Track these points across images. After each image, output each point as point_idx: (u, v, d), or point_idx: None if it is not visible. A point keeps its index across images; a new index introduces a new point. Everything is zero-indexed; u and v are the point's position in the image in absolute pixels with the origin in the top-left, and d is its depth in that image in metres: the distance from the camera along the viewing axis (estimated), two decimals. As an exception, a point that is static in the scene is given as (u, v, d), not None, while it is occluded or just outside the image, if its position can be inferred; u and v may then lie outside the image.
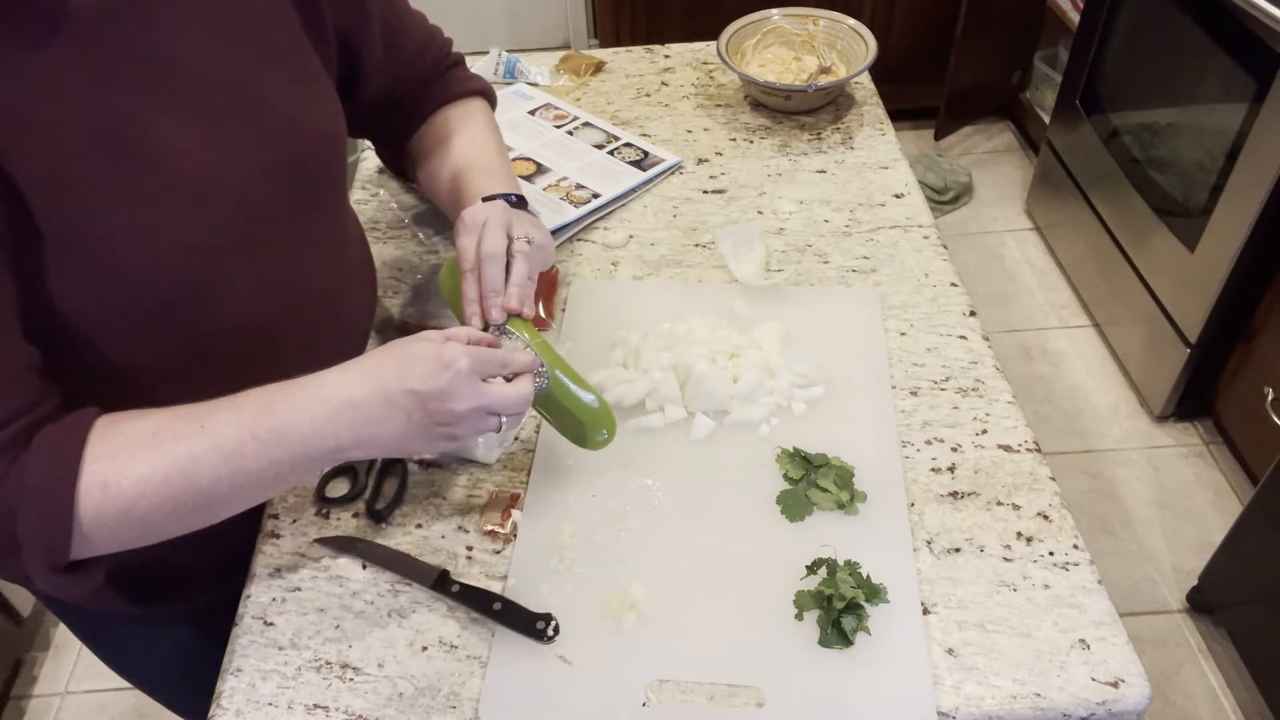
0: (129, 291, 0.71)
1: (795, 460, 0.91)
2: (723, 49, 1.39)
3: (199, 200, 0.73)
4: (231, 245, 0.77)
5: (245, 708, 0.78)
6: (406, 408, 0.72)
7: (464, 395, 0.72)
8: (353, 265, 0.98)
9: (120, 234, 0.69)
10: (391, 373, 0.72)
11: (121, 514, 0.68)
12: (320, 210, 0.89)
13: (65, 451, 0.67)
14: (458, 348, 0.73)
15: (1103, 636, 0.79)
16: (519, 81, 1.48)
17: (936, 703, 0.75)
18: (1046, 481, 0.91)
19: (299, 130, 0.81)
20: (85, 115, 0.66)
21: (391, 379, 0.72)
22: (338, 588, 0.86)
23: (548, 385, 0.84)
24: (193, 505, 0.70)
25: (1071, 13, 2.44)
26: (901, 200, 1.23)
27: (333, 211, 0.92)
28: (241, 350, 0.82)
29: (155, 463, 0.68)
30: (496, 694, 0.77)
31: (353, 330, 1.00)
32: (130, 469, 0.68)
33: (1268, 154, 1.67)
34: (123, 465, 0.68)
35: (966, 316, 1.08)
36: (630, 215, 1.24)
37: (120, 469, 0.68)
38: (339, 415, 0.72)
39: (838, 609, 0.79)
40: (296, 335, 0.87)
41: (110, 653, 1.04)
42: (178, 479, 0.69)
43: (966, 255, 2.57)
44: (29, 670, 1.82)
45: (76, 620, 1.00)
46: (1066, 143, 2.40)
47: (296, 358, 0.78)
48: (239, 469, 0.70)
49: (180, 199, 0.72)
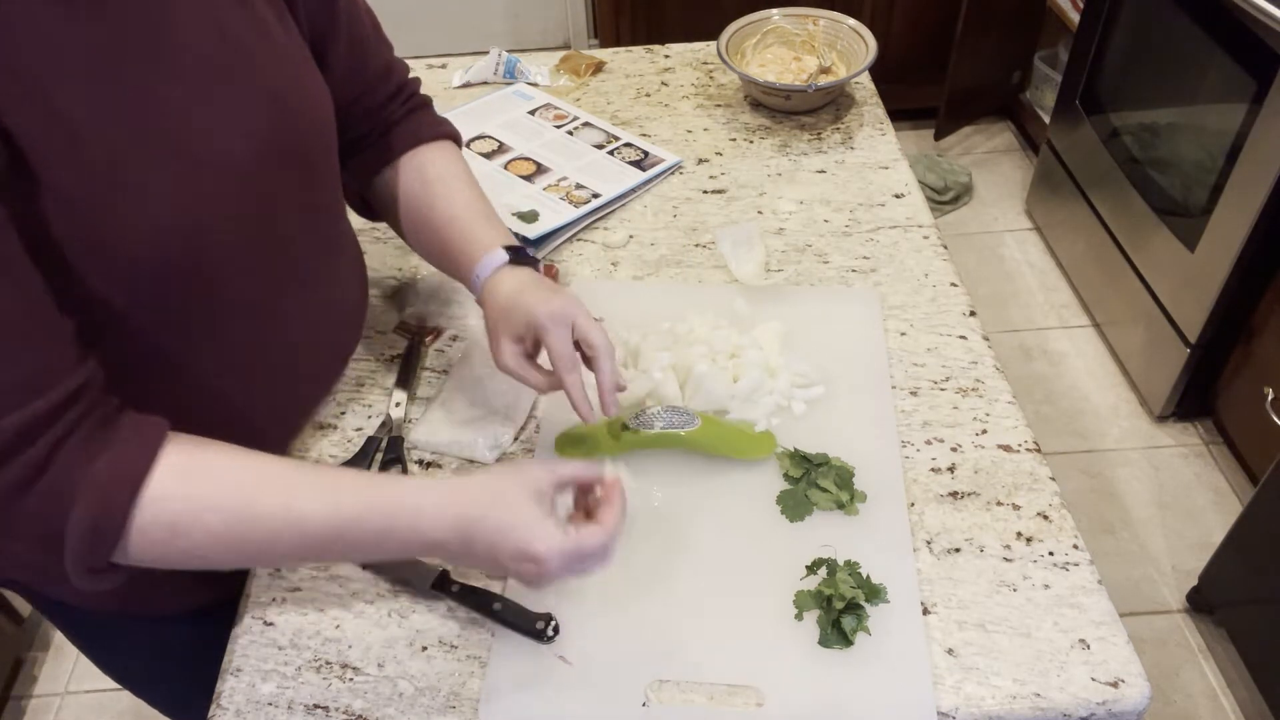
0: (138, 260, 0.70)
1: (795, 460, 0.91)
2: (723, 49, 1.39)
3: (202, 171, 0.73)
4: (234, 219, 0.76)
5: (245, 708, 0.78)
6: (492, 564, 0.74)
7: (550, 578, 0.72)
8: (347, 262, 0.98)
9: (128, 199, 0.68)
10: (484, 535, 0.71)
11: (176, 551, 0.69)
12: (318, 193, 0.88)
13: (138, 458, 0.67)
14: (550, 545, 0.70)
15: (1103, 636, 0.79)
16: (519, 81, 1.48)
17: (936, 703, 0.75)
18: (1046, 481, 0.91)
19: (295, 110, 0.81)
20: (93, 82, 0.66)
21: (483, 544, 0.72)
22: (338, 588, 0.86)
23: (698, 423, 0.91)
24: (246, 560, 0.74)
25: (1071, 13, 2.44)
26: (901, 200, 1.23)
27: (330, 205, 0.92)
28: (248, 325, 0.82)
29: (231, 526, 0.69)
30: (496, 694, 0.77)
31: (351, 323, 1.00)
32: (203, 520, 0.68)
33: (1268, 154, 1.67)
34: (196, 514, 0.68)
35: (966, 316, 1.08)
36: (630, 215, 1.24)
37: (194, 517, 0.68)
38: (423, 550, 0.78)
39: (838, 609, 0.79)
40: (296, 318, 0.87)
41: (106, 654, 1.04)
42: (252, 550, 0.71)
43: (966, 255, 2.57)
44: (29, 670, 1.82)
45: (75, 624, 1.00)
46: (1066, 143, 2.40)
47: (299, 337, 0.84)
48: (310, 555, 0.77)
49: (185, 168, 0.71)
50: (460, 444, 0.96)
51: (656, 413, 0.91)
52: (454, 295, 1.13)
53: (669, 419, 0.91)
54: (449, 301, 1.12)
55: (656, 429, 0.90)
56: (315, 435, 0.99)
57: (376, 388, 1.03)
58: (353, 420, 1.00)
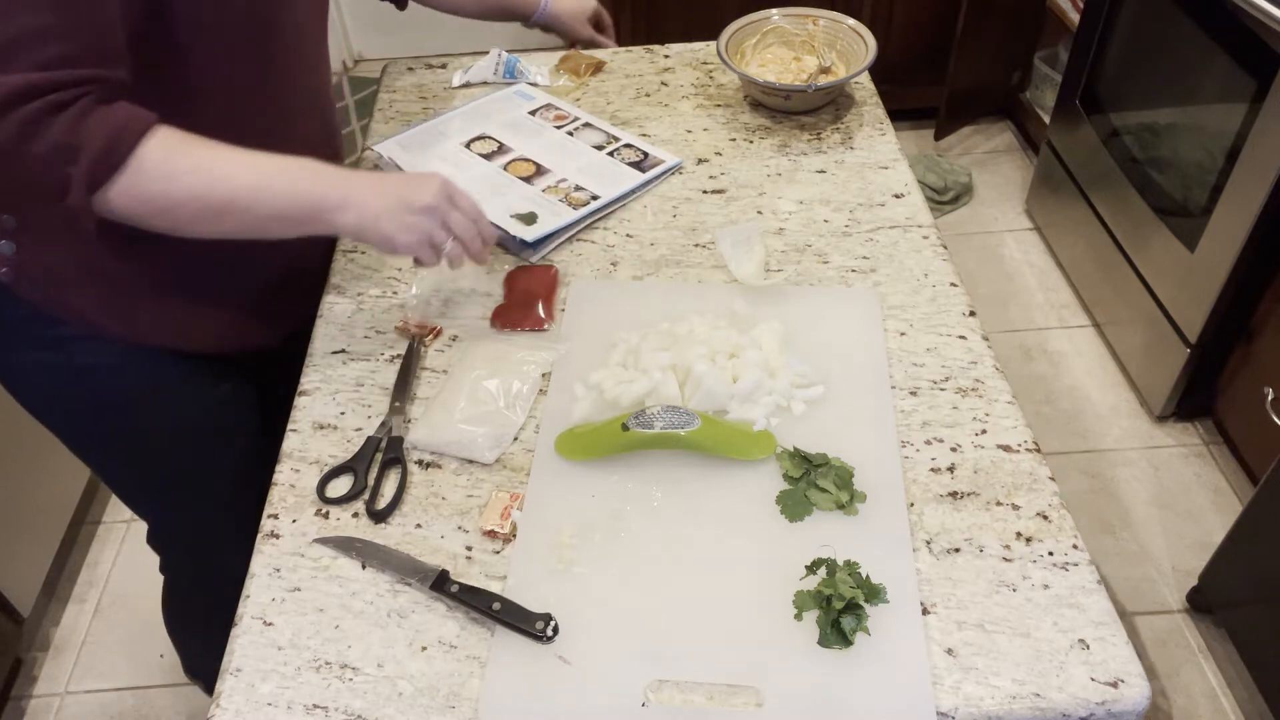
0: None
1: (795, 460, 0.91)
2: (722, 49, 1.39)
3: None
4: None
5: (245, 708, 0.78)
6: (391, 190, 0.94)
7: (431, 190, 0.95)
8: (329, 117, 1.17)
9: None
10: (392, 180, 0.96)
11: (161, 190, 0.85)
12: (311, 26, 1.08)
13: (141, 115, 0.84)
14: (439, 177, 0.97)
15: (1102, 636, 0.79)
16: (519, 81, 1.48)
17: (936, 703, 0.75)
18: (1046, 481, 0.91)
19: None
20: None
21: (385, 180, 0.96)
22: (337, 588, 0.86)
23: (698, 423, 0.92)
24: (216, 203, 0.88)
25: (1071, 13, 2.44)
26: (901, 200, 1.23)
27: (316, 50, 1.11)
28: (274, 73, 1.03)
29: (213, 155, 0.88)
30: (496, 694, 0.77)
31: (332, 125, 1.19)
32: (191, 149, 0.86)
33: (1268, 154, 1.67)
34: (187, 145, 0.86)
35: (966, 316, 1.08)
36: (630, 215, 1.24)
37: (184, 149, 0.86)
38: (352, 176, 0.95)
39: (837, 609, 0.79)
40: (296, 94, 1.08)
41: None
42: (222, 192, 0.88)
43: (966, 255, 2.57)
44: (29, 670, 1.82)
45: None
46: (1066, 143, 2.40)
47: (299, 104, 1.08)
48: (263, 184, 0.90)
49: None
50: (460, 444, 0.96)
51: (656, 413, 0.91)
52: (454, 295, 1.13)
53: (669, 419, 0.91)
54: (449, 301, 1.12)
55: (656, 429, 0.90)
56: (315, 435, 0.99)
57: (376, 388, 1.03)
58: (353, 420, 1.00)
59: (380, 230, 0.93)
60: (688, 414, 0.91)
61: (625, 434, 0.91)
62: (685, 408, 0.92)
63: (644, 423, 0.91)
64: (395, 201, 0.93)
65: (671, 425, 0.90)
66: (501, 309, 1.10)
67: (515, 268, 1.16)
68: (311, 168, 0.92)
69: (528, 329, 1.08)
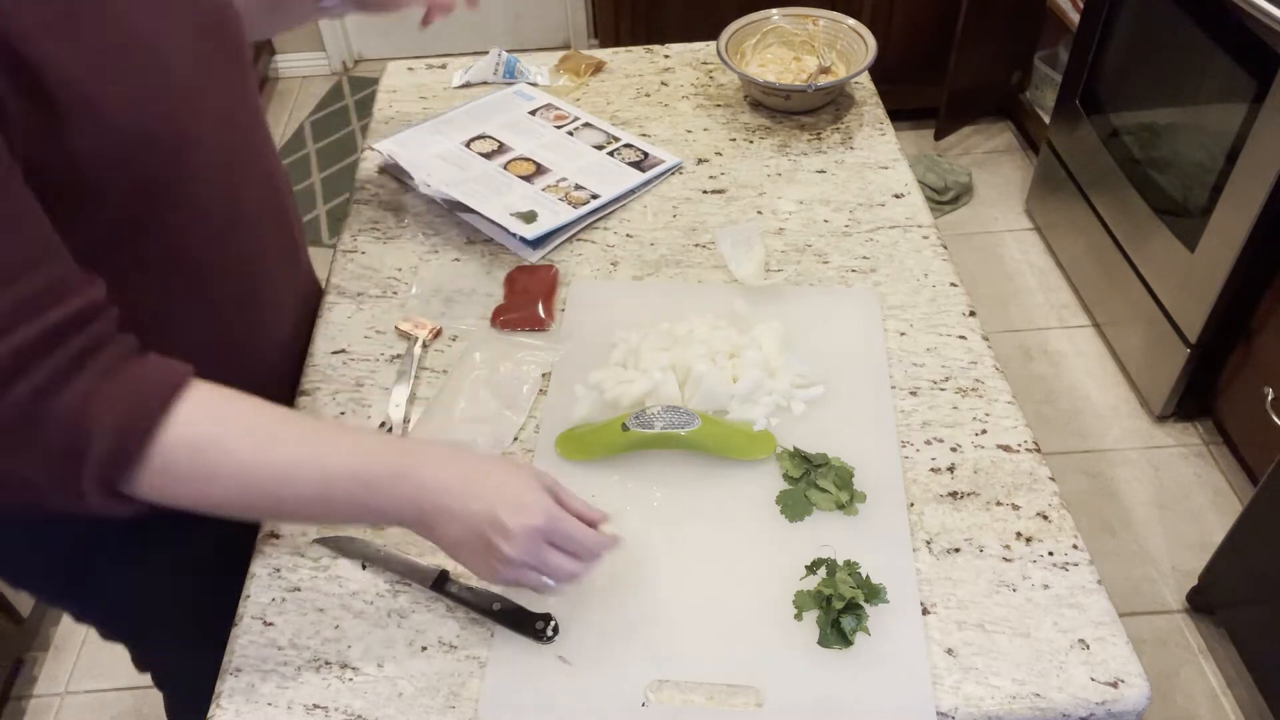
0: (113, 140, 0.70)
1: (795, 460, 0.91)
2: (722, 49, 1.39)
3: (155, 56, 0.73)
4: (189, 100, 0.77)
5: (245, 708, 0.78)
6: (477, 522, 0.73)
7: (519, 544, 0.73)
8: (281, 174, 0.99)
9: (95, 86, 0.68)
10: (490, 489, 0.74)
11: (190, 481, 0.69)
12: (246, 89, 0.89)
13: (166, 379, 0.68)
14: (545, 502, 0.74)
15: (1102, 637, 0.79)
16: (519, 81, 1.48)
17: (936, 703, 0.75)
18: (1046, 481, 0.91)
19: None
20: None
21: (481, 493, 0.73)
22: (337, 588, 0.86)
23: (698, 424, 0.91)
24: (260, 499, 0.72)
25: (1071, 13, 2.44)
26: (901, 200, 1.23)
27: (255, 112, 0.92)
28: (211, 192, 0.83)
29: (256, 453, 0.70)
30: (496, 694, 0.77)
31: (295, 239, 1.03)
32: (226, 445, 0.69)
33: (1268, 154, 1.67)
34: (221, 438, 0.69)
35: (966, 316, 1.08)
36: (630, 215, 1.24)
37: (218, 441, 0.69)
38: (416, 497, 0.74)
39: (837, 609, 0.79)
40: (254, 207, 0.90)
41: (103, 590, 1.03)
42: (269, 485, 0.71)
43: (966, 255, 2.57)
44: (29, 670, 1.82)
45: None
46: (1066, 143, 2.40)
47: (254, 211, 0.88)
48: (322, 498, 0.72)
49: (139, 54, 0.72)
50: (460, 444, 0.96)
51: (656, 413, 0.91)
52: (454, 295, 1.13)
53: (669, 419, 0.91)
54: (449, 301, 1.12)
55: (656, 429, 0.90)
56: (315, 435, 0.99)
57: (376, 388, 1.03)
58: (353, 420, 1.00)
59: (461, 560, 0.78)
60: (688, 414, 0.91)
61: (625, 434, 0.91)
62: (685, 408, 0.92)
63: (644, 423, 0.91)
64: (477, 541, 0.74)
65: (671, 425, 0.90)
66: (501, 309, 1.10)
67: (515, 268, 1.16)
68: (379, 478, 0.73)
69: (528, 329, 1.08)
